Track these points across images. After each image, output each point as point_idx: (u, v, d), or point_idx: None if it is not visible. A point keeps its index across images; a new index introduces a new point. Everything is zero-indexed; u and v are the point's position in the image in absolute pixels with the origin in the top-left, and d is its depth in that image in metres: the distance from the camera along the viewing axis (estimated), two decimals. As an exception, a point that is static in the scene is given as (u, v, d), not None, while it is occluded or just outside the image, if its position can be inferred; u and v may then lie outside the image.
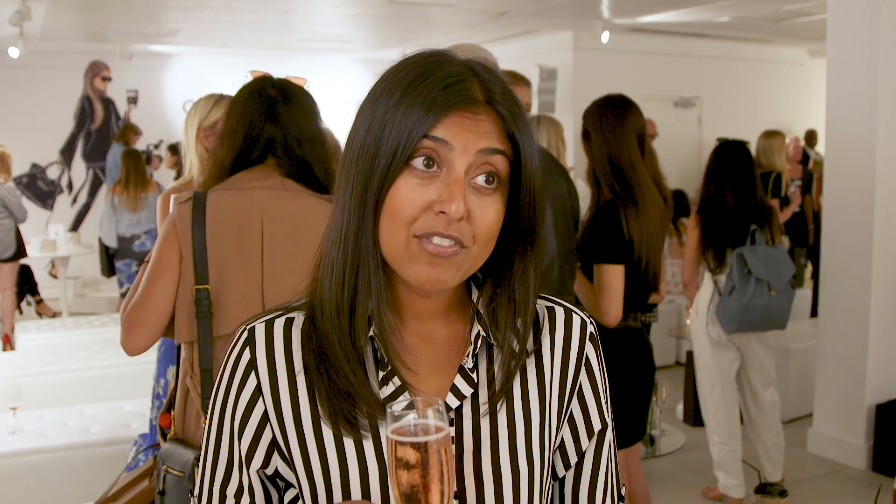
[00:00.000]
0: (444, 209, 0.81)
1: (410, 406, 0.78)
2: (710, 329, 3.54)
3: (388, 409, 0.78)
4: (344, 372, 0.85)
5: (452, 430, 0.88)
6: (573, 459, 0.96)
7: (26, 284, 7.36)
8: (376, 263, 0.85)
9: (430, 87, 0.82)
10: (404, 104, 0.82)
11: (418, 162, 0.82)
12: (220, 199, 1.81)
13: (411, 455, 0.76)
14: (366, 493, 0.86)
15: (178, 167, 7.31)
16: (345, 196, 0.87)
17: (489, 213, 0.84)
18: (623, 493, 1.00)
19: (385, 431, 0.78)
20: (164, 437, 1.91)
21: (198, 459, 1.80)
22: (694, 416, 4.56)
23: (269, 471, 0.91)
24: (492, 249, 0.86)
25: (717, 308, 3.47)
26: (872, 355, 4.10)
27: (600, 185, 2.66)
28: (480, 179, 0.83)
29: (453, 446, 0.88)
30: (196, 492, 0.93)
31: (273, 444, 0.90)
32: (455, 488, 0.79)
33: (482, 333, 0.90)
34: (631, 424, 2.76)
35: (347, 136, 0.89)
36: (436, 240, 0.82)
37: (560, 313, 0.97)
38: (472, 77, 0.84)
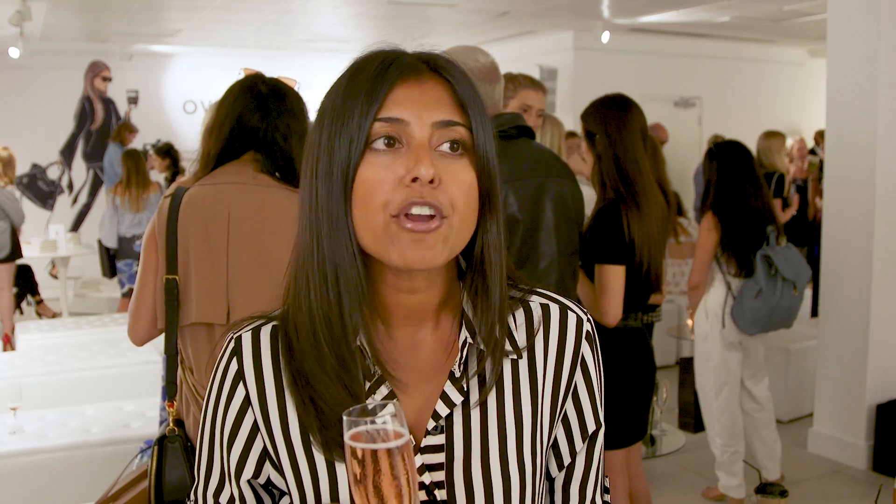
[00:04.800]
0: (413, 174, 0.79)
1: (370, 411, 0.76)
2: (724, 332, 3.50)
3: (345, 416, 0.76)
4: (331, 394, 0.83)
5: (442, 439, 0.87)
6: (566, 460, 0.95)
7: (27, 285, 7.35)
8: (353, 255, 0.82)
9: (366, 75, 0.82)
10: (348, 100, 0.82)
11: (379, 144, 0.81)
12: (194, 194, 1.89)
13: (369, 461, 0.74)
14: None
15: (172, 171, 7.29)
16: (310, 202, 0.85)
17: (461, 178, 0.82)
18: (607, 484, 1.00)
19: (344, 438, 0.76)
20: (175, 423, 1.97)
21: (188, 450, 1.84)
22: (695, 423, 4.46)
23: (262, 480, 0.90)
24: (474, 221, 0.85)
25: (735, 310, 3.42)
26: (872, 355, 4.09)
27: (605, 185, 2.66)
28: (445, 147, 0.82)
29: (443, 454, 0.87)
30: (192, 497, 0.93)
31: (265, 453, 0.89)
32: (419, 497, 0.77)
33: (469, 340, 0.88)
34: (631, 424, 2.76)
35: (304, 155, 0.88)
36: (414, 210, 0.79)
37: (555, 311, 0.94)
38: (408, 54, 0.85)
